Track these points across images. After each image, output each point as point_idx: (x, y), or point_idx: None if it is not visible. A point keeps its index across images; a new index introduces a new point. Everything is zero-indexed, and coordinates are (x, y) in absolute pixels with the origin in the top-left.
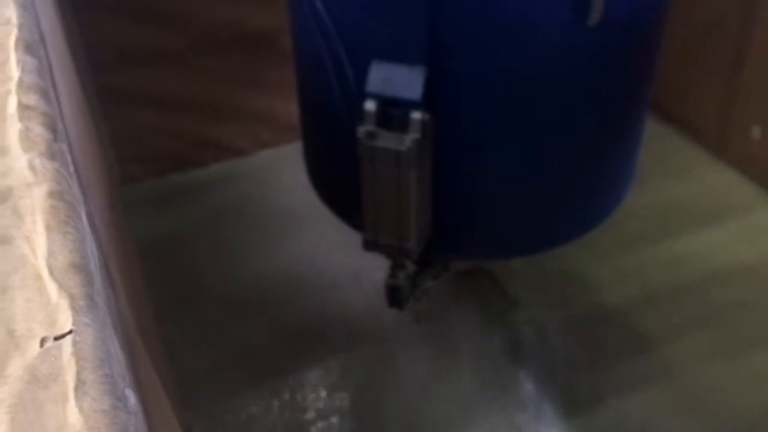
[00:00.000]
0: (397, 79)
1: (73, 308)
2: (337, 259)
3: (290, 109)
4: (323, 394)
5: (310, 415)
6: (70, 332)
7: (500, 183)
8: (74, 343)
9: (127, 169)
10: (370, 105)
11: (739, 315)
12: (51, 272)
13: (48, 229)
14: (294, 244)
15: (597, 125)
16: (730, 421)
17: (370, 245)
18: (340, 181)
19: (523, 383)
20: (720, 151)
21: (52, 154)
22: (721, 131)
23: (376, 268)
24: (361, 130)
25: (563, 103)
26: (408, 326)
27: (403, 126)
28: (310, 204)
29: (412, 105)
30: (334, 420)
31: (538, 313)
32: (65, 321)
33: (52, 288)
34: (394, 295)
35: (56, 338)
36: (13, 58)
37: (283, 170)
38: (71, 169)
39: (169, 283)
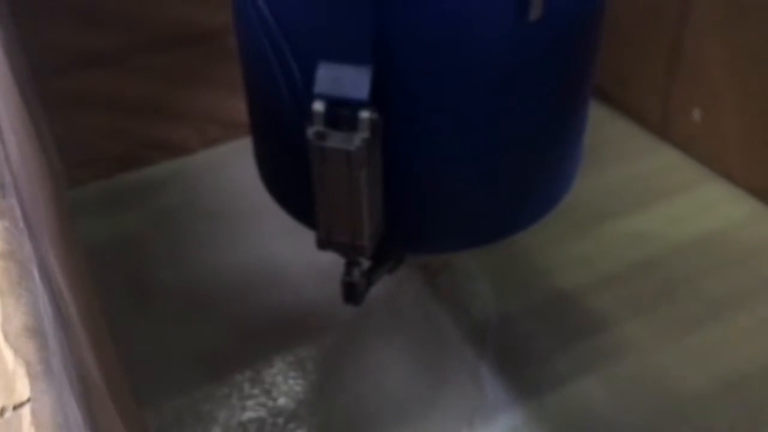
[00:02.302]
0: (344, 79)
1: (30, 375)
2: (292, 251)
3: (239, 106)
4: (282, 387)
5: (270, 407)
6: (28, 400)
7: (450, 178)
8: (33, 411)
9: (75, 174)
10: (318, 106)
11: (690, 289)
12: (6, 338)
13: (1, 293)
14: (248, 239)
15: (544, 115)
16: (689, 394)
17: (323, 244)
18: (291, 180)
19: (482, 369)
20: (663, 133)
21: (1, 212)
22: (663, 114)
23: (332, 259)
24: (311, 131)
25: (509, 96)
26: (366, 317)
27: (352, 125)
28: (262, 198)
29: (360, 104)
30: (293, 413)
31: (494, 300)
32: (23, 389)
33: (8, 354)
34: (350, 292)
35: (15, 407)
36: None
37: (234, 166)
38: (21, 224)
39: (123, 285)
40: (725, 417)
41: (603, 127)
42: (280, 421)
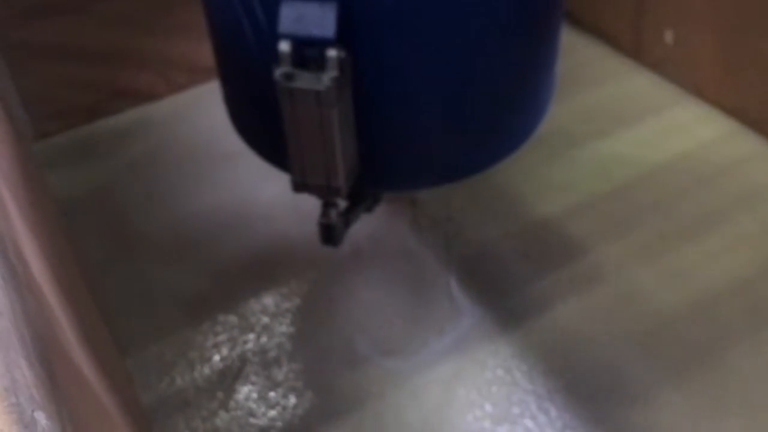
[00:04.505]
0: (309, 18)
1: None
2: (267, 192)
3: (204, 49)
4: (266, 327)
5: (254, 347)
6: None
7: (424, 112)
8: None
9: (41, 126)
10: (284, 46)
11: (665, 211)
12: None
13: None
14: (223, 182)
15: (514, 47)
16: (665, 314)
17: (298, 187)
18: (262, 124)
19: (462, 300)
20: (635, 55)
21: None
22: (635, 37)
23: (309, 197)
24: (278, 73)
25: (477, 31)
26: (346, 254)
27: (320, 65)
28: (234, 140)
29: (327, 43)
30: (276, 352)
31: (471, 231)
32: None
33: None
34: (328, 234)
35: None
36: None
37: (202, 110)
38: None
39: (102, 235)
40: (700, 334)
41: (575, 52)
42: (265, 359)
